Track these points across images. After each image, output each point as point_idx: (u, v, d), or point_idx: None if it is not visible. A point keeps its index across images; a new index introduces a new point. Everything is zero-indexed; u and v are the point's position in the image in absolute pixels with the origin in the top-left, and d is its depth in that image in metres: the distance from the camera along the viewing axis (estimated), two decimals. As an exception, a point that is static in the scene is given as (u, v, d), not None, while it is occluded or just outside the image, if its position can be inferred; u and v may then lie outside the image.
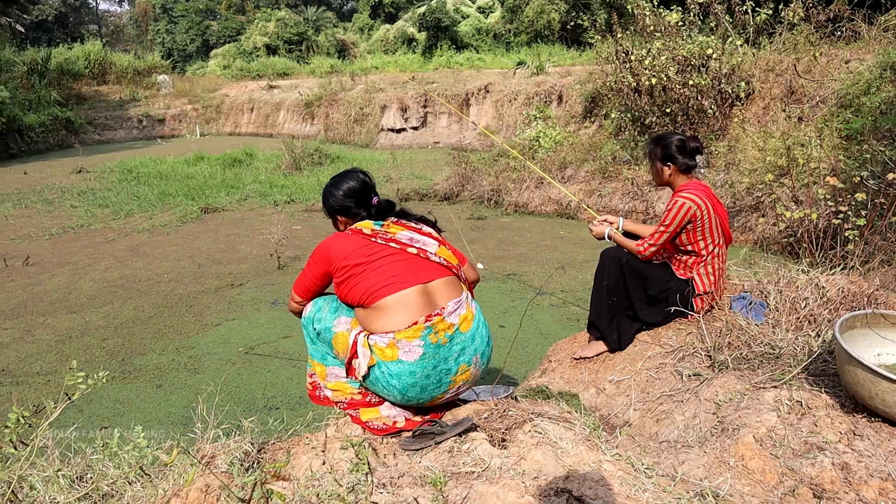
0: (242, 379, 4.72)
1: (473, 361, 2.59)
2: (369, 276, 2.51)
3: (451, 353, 2.51)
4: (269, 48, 35.82)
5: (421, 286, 2.53)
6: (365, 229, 2.63)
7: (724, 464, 2.72)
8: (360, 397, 2.68)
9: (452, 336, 2.51)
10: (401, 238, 2.62)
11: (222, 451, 2.49)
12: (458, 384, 2.58)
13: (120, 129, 23.69)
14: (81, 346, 5.42)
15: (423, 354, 2.45)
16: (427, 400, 2.55)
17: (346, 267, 2.54)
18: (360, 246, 2.57)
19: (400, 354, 2.44)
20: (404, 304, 2.49)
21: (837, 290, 3.75)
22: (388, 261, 2.55)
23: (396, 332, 2.45)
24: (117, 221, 10.03)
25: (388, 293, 2.48)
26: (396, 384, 2.48)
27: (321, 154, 14.92)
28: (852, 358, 2.68)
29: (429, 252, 2.62)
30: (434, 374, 2.49)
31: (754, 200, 7.14)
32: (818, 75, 8.36)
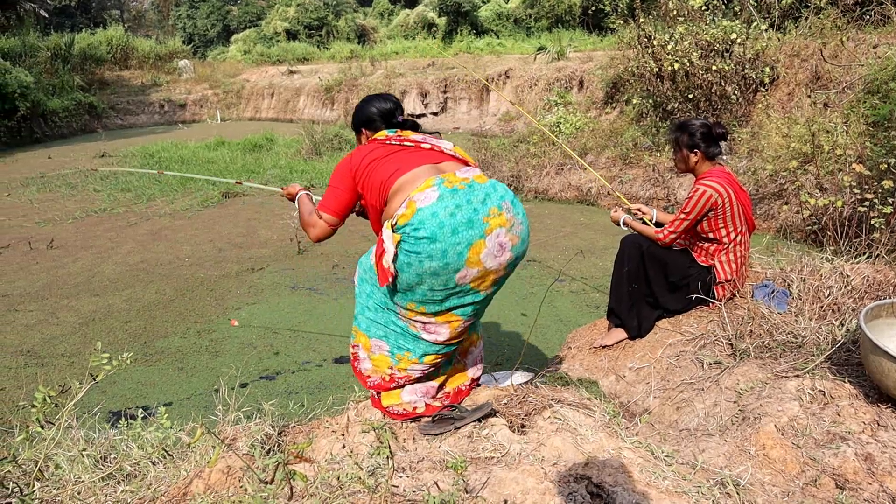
0: (263, 362, 4.75)
1: (504, 206, 2.38)
2: (384, 167, 2.51)
3: (474, 196, 2.34)
4: (289, 33, 35.80)
5: (432, 165, 2.52)
6: (380, 136, 2.67)
7: (744, 453, 2.70)
8: (388, 379, 2.63)
9: (470, 184, 2.38)
10: (415, 138, 2.63)
11: (244, 434, 2.51)
12: (496, 230, 2.33)
13: (142, 114, 23.85)
14: (104, 328, 5.48)
15: (441, 195, 2.31)
16: (466, 247, 2.28)
17: (366, 167, 2.54)
18: (376, 147, 2.60)
19: (418, 205, 2.30)
20: (419, 178, 2.44)
21: (862, 278, 3.70)
22: (402, 153, 2.56)
23: (410, 195, 2.38)
24: (139, 205, 10.12)
25: (402, 173, 2.47)
26: (425, 234, 2.26)
27: (341, 139, 14.92)
28: (877, 347, 2.64)
29: (443, 147, 2.63)
30: (459, 213, 2.28)
31: (777, 188, 7.04)
32: (845, 60, 8.20)
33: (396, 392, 2.67)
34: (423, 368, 2.61)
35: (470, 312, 2.50)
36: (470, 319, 2.53)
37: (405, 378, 2.63)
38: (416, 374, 2.63)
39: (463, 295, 2.41)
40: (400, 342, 2.57)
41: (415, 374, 2.62)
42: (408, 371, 2.60)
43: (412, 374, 2.62)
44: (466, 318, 2.50)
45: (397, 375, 2.62)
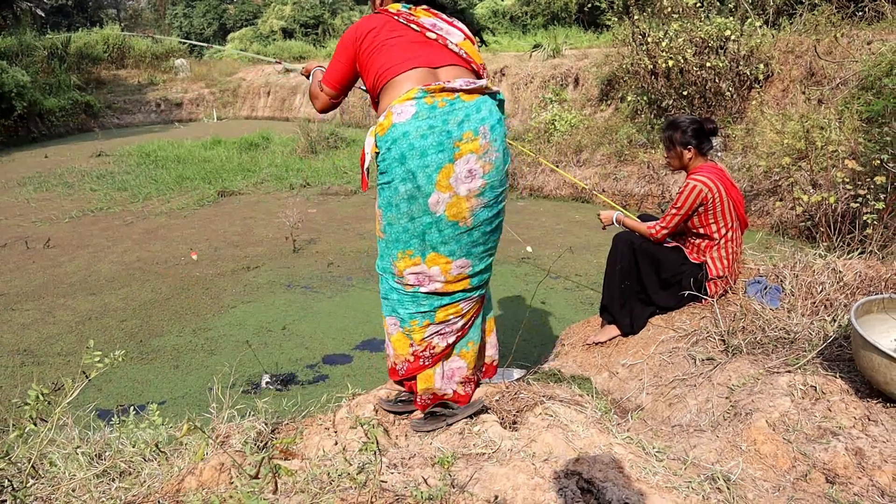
0: (258, 360, 4.76)
1: (481, 132, 2.32)
2: (381, 55, 2.40)
3: (452, 116, 2.28)
4: (285, 32, 35.75)
5: (430, 69, 2.39)
6: (391, 9, 2.52)
7: (736, 448, 2.72)
8: (413, 359, 2.58)
9: (453, 102, 2.30)
10: (423, 22, 2.47)
11: (237, 431, 2.53)
12: (466, 156, 2.30)
13: (138, 113, 23.79)
14: (100, 327, 5.49)
15: (416, 113, 2.27)
16: (435, 171, 2.28)
17: (367, 48, 2.43)
18: (382, 23, 2.45)
19: (394, 119, 2.29)
20: (411, 80, 2.35)
21: (854, 274, 3.72)
22: (402, 41, 2.42)
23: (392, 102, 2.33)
24: (135, 204, 10.11)
25: (395, 73, 2.36)
26: (395, 154, 2.28)
27: (337, 138, 14.91)
28: (868, 343, 2.66)
29: (449, 41, 2.46)
30: (431, 134, 2.26)
31: (772, 184, 7.06)
32: (839, 57, 8.22)
33: (430, 373, 2.60)
34: (440, 329, 2.55)
35: (455, 250, 2.43)
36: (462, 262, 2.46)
37: (429, 350, 2.56)
38: (438, 342, 2.56)
39: (442, 228, 2.37)
40: (403, 309, 2.54)
41: (436, 342, 2.56)
42: (426, 339, 2.55)
43: (434, 344, 2.56)
44: (455, 258, 2.44)
45: (419, 351, 2.56)
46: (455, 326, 2.57)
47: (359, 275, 6.58)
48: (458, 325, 2.58)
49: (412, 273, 2.47)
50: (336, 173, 12.06)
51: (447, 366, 2.64)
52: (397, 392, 2.85)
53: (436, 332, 2.55)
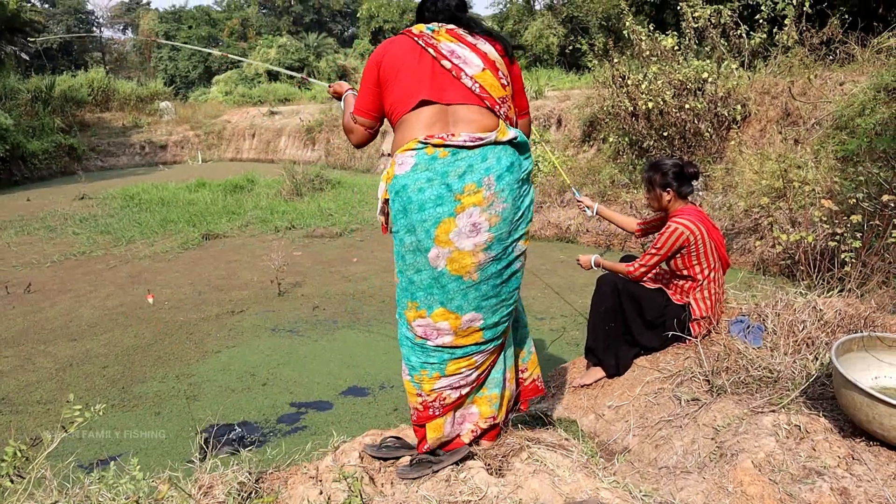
0: (241, 406, 4.71)
1: (485, 183, 2.20)
2: (395, 87, 2.31)
3: (453, 168, 2.18)
4: (270, 74, 36.15)
5: (442, 106, 2.27)
6: (415, 30, 2.38)
7: (722, 490, 2.71)
8: (422, 408, 2.51)
9: (456, 151, 2.20)
10: (442, 48, 2.30)
11: (220, 482, 2.49)
12: (469, 209, 2.19)
13: (122, 156, 23.83)
14: (82, 374, 5.42)
15: (415, 165, 2.19)
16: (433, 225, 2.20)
17: (386, 75, 2.33)
18: (400, 48, 2.33)
19: (396, 170, 2.24)
20: (418, 122, 2.26)
21: (835, 312, 3.76)
22: (415, 71, 2.28)
23: (398, 149, 2.27)
24: (119, 248, 10.07)
25: (404, 110, 2.28)
26: (397, 207, 2.24)
27: (322, 180, 14.99)
28: (849, 382, 2.68)
29: (463, 72, 2.28)
30: (429, 187, 2.18)
31: (752, 223, 7.16)
32: (813, 97, 8.42)
33: (439, 422, 2.51)
34: (452, 383, 2.45)
35: (464, 305, 2.33)
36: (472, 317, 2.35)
37: (439, 401, 2.48)
38: (450, 394, 2.47)
39: (445, 283, 2.29)
40: (414, 357, 2.48)
41: (447, 394, 2.47)
42: (435, 390, 2.46)
43: (445, 396, 2.47)
44: (464, 312, 2.33)
45: (429, 401, 2.48)
46: (469, 378, 2.49)
47: (344, 318, 6.56)
48: (472, 378, 2.50)
49: (419, 325, 2.40)
50: (321, 216, 12.09)
51: (459, 412, 2.56)
52: (382, 438, 2.83)
53: (447, 385, 2.46)
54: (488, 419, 2.60)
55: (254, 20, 47.65)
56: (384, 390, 4.92)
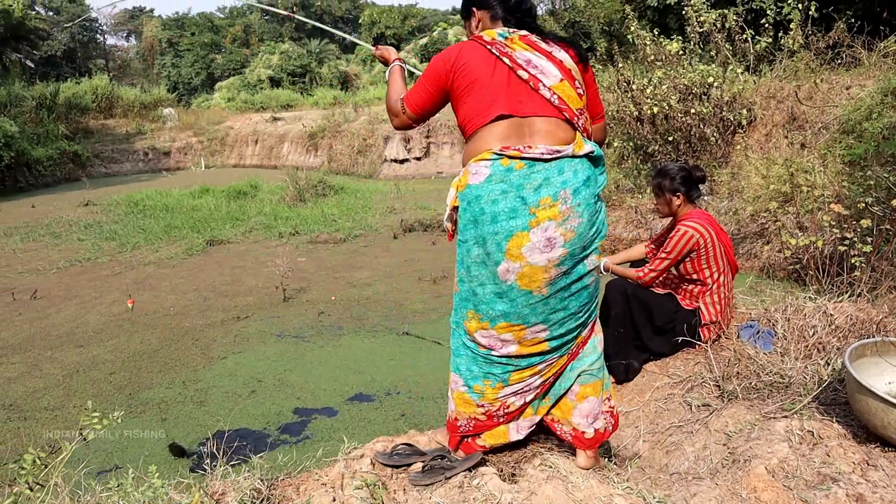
0: (248, 412, 4.70)
1: (561, 196, 2.11)
2: (470, 98, 2.21)
3: (528, 181, 2.10)
4: (272, 80, 36.25)
5: (518, 119, 2.18)
6: (486, 36, 2.25)
7: (736, 496, 2.69)
8: (484, 417, 2.45)
9: (532, 163, 2.11)
10: (517, 57, 2.19)
11: (232, 489, 2.48)
12: (543, 223, 2.11)
13: (126, 162, 23.90)
14: (89, 380, 5.41)
15: (490, 176, 2.13)
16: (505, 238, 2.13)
17: (461, 84, 2.23)
18: (473, 56, 2.22)
19: (469, 179, 2.17)
20: (493, 134, 2.18)
21: (846, 317, 3.74)
22: (491, 82, 2.19)
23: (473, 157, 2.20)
24: (124, 254, 10.08)
25: (480, 123, 2.19)
26: (469, 217, 2.17)
27: (325, 185, 15.00)
28: (863, 387, 2.66)
29: (541, 83, 2.17)
30: (503, 199, 2.10)
31: (759, 227, 7.14)
32: (819, 102, 8.41)
33: (503, 430, 2.48)
34: (516, 390, 2.40)
35: (531, 318, 2.25)
36: (537, 327, 2.29)
37: (503, 409, 2.42)
38: (514, 401, 2.42)
39: (514, 297, 2.22)
40: (476, 366, 2.40)
41: (511, 401, 2.42)
42: (500, 398, 2.40)
43: (510, 403, 2.42)
44: (529, 325, 2.26)
45: (493, 410, 2.43)
46: (533, 385, 2.42)
47: (350, 324, 6.55)
48: (537, 384, 2.42)
49: (483, 336, 2.33)
50: (325, 221, 12.09)
51: (521, 422, 2.53)
52: (393, 445, 2.81)
53: (511, 393, 2.41)
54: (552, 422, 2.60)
55: (256, 26, 47.80)
56: (391, 396, 4.91)
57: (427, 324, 6.44)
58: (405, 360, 5.57)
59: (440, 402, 4.76)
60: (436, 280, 7.96)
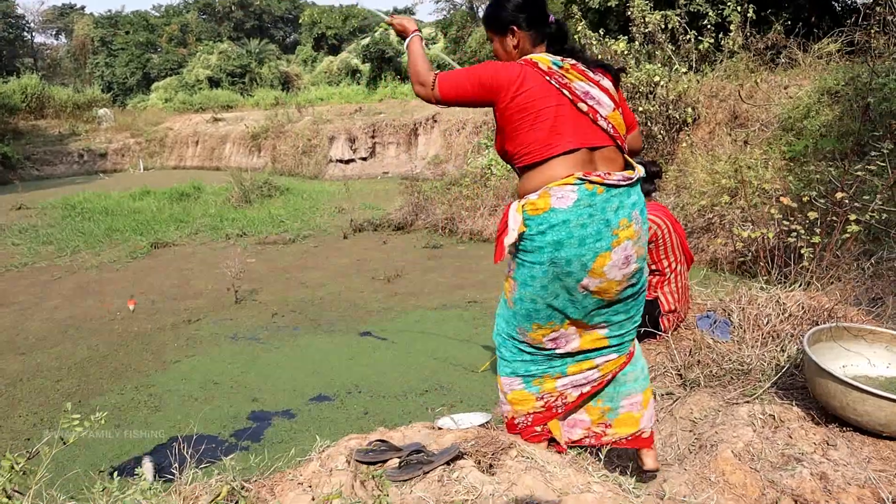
0: (206, 416, 4.59)
1: (634, 217, 2.27)
2: (536, 129, 2.23)
3: (609, 204, 2.21)
4: (211, 81, 35.45)
5: (586, 150, 2.25)
6: (542, 64, 2.26)
7: (705, 480, 2.76)
8: (544, 409, 2.54)
9: (608, 189, 2.21)
10: (577, 89, 2.25)
11: (204, 491, 2.42)
12: (623, 243, 2.24)
13: (60, 164, 23.04)
14: (34, 388, 5.21)
15: (578, 200, 2.18)
16: (591, 259, 2.22)
17: (517, 109, 2.24)
18: (535, 84, 2.23)
19: (552, 202, 2.19)
20: (564, 164, 2.22)
21: (797, 305, 3.88)
22: (557, 114, 2.22)
23: (549, 184, 2.22)
24: (63, 258, 9.73)
25: (550, 153, 2.22)
26: (551, 240, 2.20)
27: (271, 186, 14.77)
28: (823, 370, 2.76)
29: (599, 114, 2.27)
30: (591, 223, 2.19)
31: (706, 222, 7.34)
32: (760, 100, 8.70)
33: (558, 424, 2.57)
34: (574, 381, 2.50)
35: (594, 318, 2.38)
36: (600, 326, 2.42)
37: (561, 399, 2.54)
38: (571, 392, 2.52)
39: (587, 305, 2.34)
40: (531, 370, 2.49)
41: (569, 392, 2.52)
42: (559, 389, 2.52)
43: (567, 394, 2.52)
44: (592, 322, 2.39)
45: (552, 401, 2.53)
46: (591, 378, 2.53)
47: (305, 324, 6.46)
48: (595, 377, 2.53)
49: (550, 339, 2.43)
50: (272, 222, 11.92)
51: (571, 416, 2.61)
52: (368, 442, 2.79)
53: (570, 384, 2.51)
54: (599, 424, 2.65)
55: (193, 26, 46.69)
56: (352, 395, 4.86)
57: (385, 322, 6.41)
58: (364, 359, 5.52)
59: (402, 400, 4.75)
60: (389, 279, 7.92)
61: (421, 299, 7.14)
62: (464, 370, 5.18)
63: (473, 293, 7.26)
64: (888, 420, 2.62)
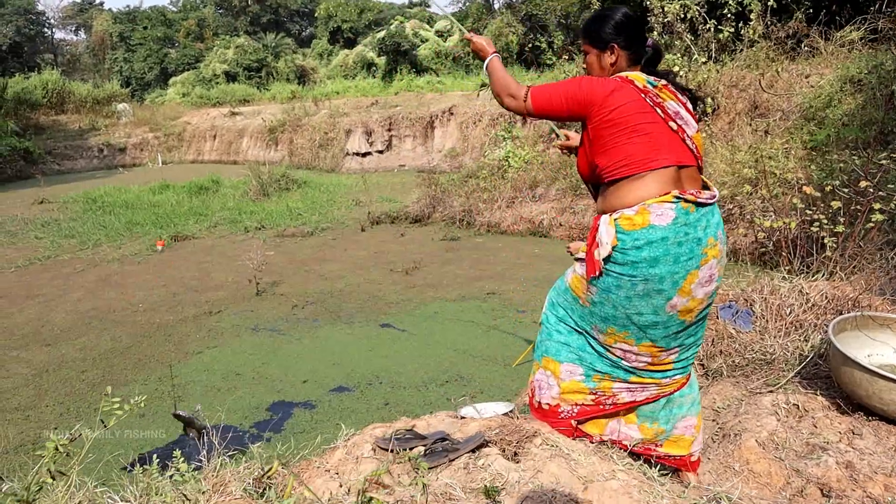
0: (229, 406, 4.64)
1: (719, 237, 2.32)
2: (634, 143, 2.27)
3: (700, 222, 2.27)
4: (228, 75, 35.59)
5: (676, 168, 2.30)
6: (637, 82, 2.31)
7: (729, 469, 2.76)
8: (592, 404, 2.54)
9: (699, 208, 2.27)
10: (669, 108, 2.31)
11: (233, 478, 2.45)
12: (710, 261, 2.29)
13: (80, 159, 23.27)
14: (59, 379, 5.29)
15: (676, 218, 2.23)
16: (682, 277, 2.26)
17: (613, 122, 2.27)
18: (632, 99, 2.28)
19: (651, 219, 2.23)
20: (659, 181, 2.27)
21: (821, 295, 3.85)
22: (653, 131, 2.27)
23: (647, 199, 2.26)
24: (85, 252, 9.84)
25: (646, 168, 2.26)
26: (647, 256, 2.24)
27: (288, 179, 14.84)
28: (848, 359, 2.75)
29: (686, 134, 2.34)
30: (686, 242, 2.25)
31: (726, 213, 7.29)
32: (780, 90, 8.62)
33: (604, 421, 2.58)
34: (630, 387, 2.51)
35: (671, 342, 2.41)
36: (673, 350, 2.44)
37: (612, 399, 2.52)
38: (625, 396, 2.52)
39: (670, 325, 2.36)
40: (596, 366, 2.50)
41: (622, 395, 2.52)
42: (613, 390, 2.52)
43: (620, 396, 2.52)
44: (668, 348, 2.42)
45: (603, 398, 2.53)
46: (648, 389, 2.53)
47: (325, 316, 6.50)
48: (652, 391, 2.54)
49: (620, 349, 2.44)
50: (290, 215, 11.98)
51: (623, 427, 2.60)
52: (393, 430, 2.81)
53: (626, 389, 2.52)
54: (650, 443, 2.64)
55: (210, 20, 46.86)
56: (372, 387, 4.89)
57: (404, 314, 6.44)
58: (384, 350, 5.55)
59: (423, 391, 4.77)
60: (408, 271, 7.94)
61: (440, 291, 7.16)
62: (483, 361, 5.19)
63: (492, 285, 7.26)
64: (915, 409, 2.60)
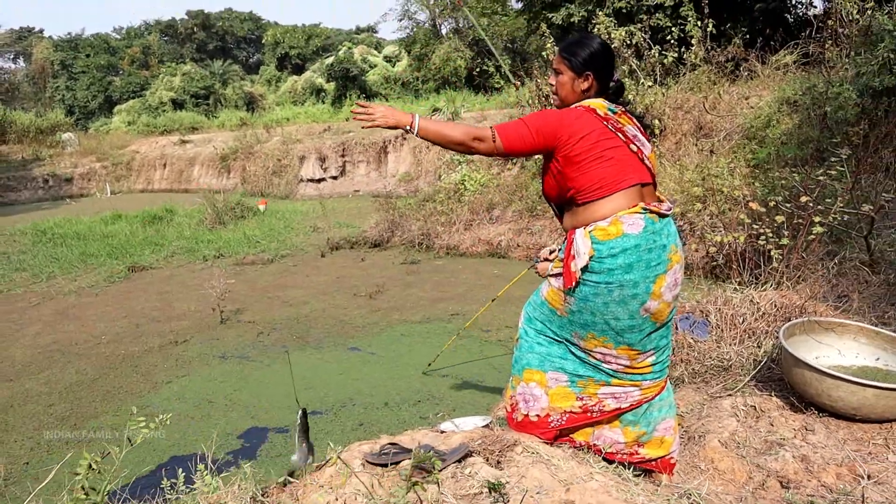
0: (204, 433, 4.67)
1: (678, 244, 2.57)
2: (601, 168, 2.47)
3: (664, 231, 2.50)
4: (175, 103, 35.27)
5: (640, 186, 2.52)
6: (599, 110, 2.53)
7: (695, 468, 2.96)
8: (580, 410, 2.68)
9: (661, 218, 2.51)
10: (628, 132, 2.53)
11: (230, 498, 2.55)
12: (674, 266, 2.52)
13: (24, 190, 22.74)
14: (26, 414, 5.24)
15: (645, 227, 2.44)
16: (653, 281, 2.46)
17: (580, 151, 2.46)
18: (595, 127, 2.48)
19: (625, 228, 2.43)
20: (628, 196, 2.48)
21: (770, 304, 4.12)
22: (617, 155, 2.49)
23: (619, 212, 2.46)
24: (39, 285, 9.68)
25: (614, 190, 2.46)
26: (622, 263, 2.43)
27: (243, 207, 14.79)
28: (799, 361, 2.99)
29: (644, 154, 2.56)
30: (654, 248, 2.46)
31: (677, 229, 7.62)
32: (723, 111, 9.06)
33: (590, 431, 2.73)
34: (615, 393, 2.66)
35: (647, 344, 2.59)
36: (649, 353, 2.62)
37: (599, 406, 2.67)
38: (610, 402, 2.66)
39: (645, 328, 2.54)
40: (579, 371, 2.64)
41: (608, 402, 2.66)
42: (599, 395, 2.66)
43: (606, 403, 2.66)
44: (644, 350, 2.60)
45: (590, 405, 2.67)
46: (632, 394, 2.68)
47: (293, 342, 6.57)
48: (635, 396, 2.69)
49: (600, 353, 2.60)
50: (249, 243, 11.97)
51: (606, 431, 2.76)
52: (380, 446, 2.93)
53: (610, 394, 2.66)
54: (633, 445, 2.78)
55: (155, 48, 46.36)
56: (345, 408, 4.99)
57: (371, 337, 6.54)
58: (355, 373, 5.65)
59: (396, 410, 4.88)
60: (371, 295, 8.05)
61: (404, 314, 7.29)
62: (453, 380, 5.33)
63: (455, 306, 7.42)
64: (860, 404, 2.84)
